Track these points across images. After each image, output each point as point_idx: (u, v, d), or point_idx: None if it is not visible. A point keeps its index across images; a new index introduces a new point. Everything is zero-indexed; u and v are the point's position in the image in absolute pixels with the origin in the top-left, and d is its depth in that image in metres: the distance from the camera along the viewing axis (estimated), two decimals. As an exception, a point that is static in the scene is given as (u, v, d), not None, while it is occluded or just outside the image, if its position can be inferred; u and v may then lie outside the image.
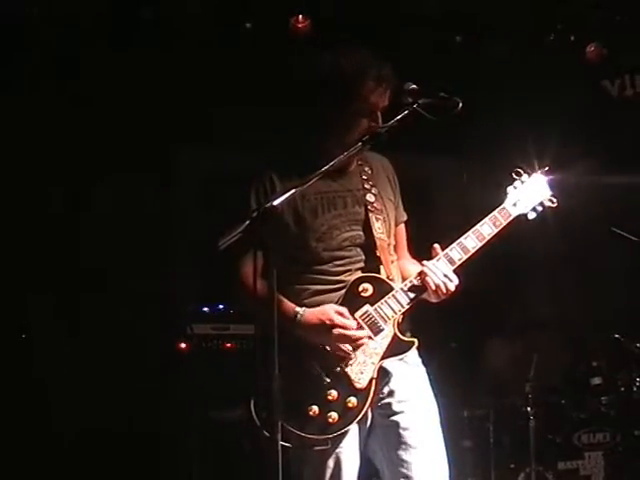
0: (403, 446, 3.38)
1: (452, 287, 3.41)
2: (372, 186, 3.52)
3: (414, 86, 3.34)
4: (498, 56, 6.47)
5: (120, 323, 6.11)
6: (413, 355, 3.49)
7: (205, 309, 6.13)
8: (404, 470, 3.37)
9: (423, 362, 3.55)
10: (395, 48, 5.98)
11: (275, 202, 3.02)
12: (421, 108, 3.30)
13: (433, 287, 3.38)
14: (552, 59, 6.42)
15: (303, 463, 3.34)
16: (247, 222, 2.96)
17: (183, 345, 5.96)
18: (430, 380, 3.55)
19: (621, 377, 6.21)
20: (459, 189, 7.15)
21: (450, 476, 3.46)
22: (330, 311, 3.31)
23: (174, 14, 5.89)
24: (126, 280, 6.22)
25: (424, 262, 3.43)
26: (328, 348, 3.31)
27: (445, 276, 3.39)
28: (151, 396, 5.84)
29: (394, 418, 3.40)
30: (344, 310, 3.32)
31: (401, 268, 3.55)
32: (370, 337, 3.34)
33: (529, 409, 5.93)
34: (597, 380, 6.25)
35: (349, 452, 3.36)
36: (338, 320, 3.29)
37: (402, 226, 3.68)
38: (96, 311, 6.11)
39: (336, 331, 3.28)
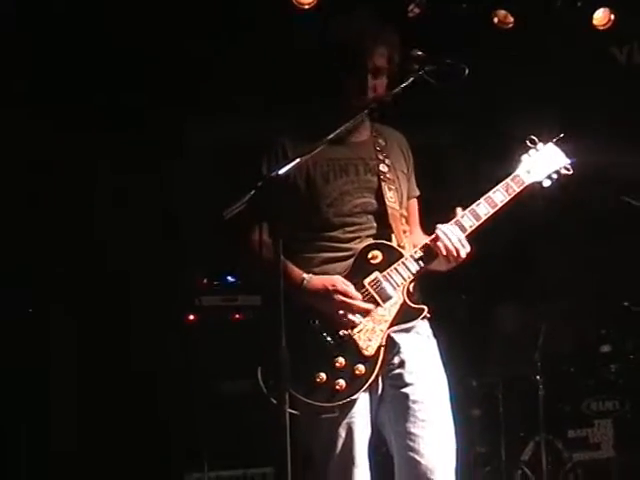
0: (412, 419, 3.36)
1: (464, 254, 3.39)
2: (385, 157, 3.51)
3: (420, 53, 3.34)
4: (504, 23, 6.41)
5: (128, 296, 6.13)
6: (424, 326, 3.48)
7: (213, 281, 6.15)
8: (411, 443, 3.35)
9: (433, 333, 3.54)
10: (400, 16, 5.96)
11: (280, 171, 3.03)
12: (427, 75, 3.30)
13: (444, 252, 3.36)
14: (559, 25, 6.36)
15: (313, 433, 3.34)
16: (252, 192, 2.96)
17: (192, 317, 5.98)
18: (439, 350, 3.53)
19: (630, 345, 6.21)
20: (466, 160, 7.13)
21: (459, 445, 3.44)
22: (337, 279, 3.31)
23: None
24: (133, 252, 6.22)
25: (437, 225, 3.41)
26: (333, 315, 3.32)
27: (459, 241, 3.37)
28: (160, 368, 5.86)
29: (404, 390, 3.38)
30: (349, 283, 3.31)
31: (413, 242, 3.51)
32: (378, 305, 3.33)
33: (538, 377, 5.93)
34: (606, 348, 6.26)
35: (360, 421, 3.35)
36: (341, 287, 3.29)
37: (414, 201, 3.67)
38: (103, 284, 6.11)
39: (338, 297, 3.28)
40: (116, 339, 6.00)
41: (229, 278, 6.16)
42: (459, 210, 3.46)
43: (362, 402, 3.35)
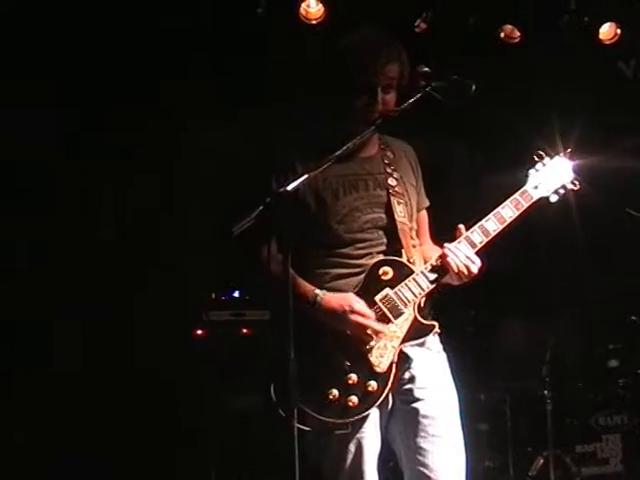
0: (422, 434, 3.36)
1: (475, 269, 3.40)
2: (394, 170, 3.52)
3: (427, 69, 3.35)
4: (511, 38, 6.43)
5: (137, 310, 6.14)
6: (435, 341, 3.49)
7: (221, 296, 6.15)
8: (421, 458, 3.35)
9: (443, 348, 3.54)
10: (409, 31, 5.98)
11: (289, 187, 3.04)
12: (434, 91, 3.31)
13: (455, 269, 3.37)
14: (566, 40, 6.38)
15: (324, 449, 3.34)
16: (260, 207, 2.97)
17: (200, 332, 5.99)
18: (449, 365, 3.53)
19: (638, 359, 6.19)
20: (472, 173, 7.14)
21: (467, 461, 3.44)
22: (351, 297, 3.31)
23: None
24: (142, 267, 6.23)
25: (445, 244, 3.43)
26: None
27: (467, 258, 3.38)
28: (168, 383, 5.86)
29: (414, 405, 3.38)
30: (363, 302, 3.32)
31: (423, 254, 3.53)
32: (390, 321, 3.33)
33: (546, 392, 5.93)
34: (614, 362, 6.24)
35: (370, 437, 3.35)
36: (356, 307, 3.29)
37: (424, 212, 3.68)
38: (112, 299, 6.12)
39: (353, 317, 3.28)
40: (123, 353, 6.00)
41: (236, 293, 6.17)
42: (461, 227, 3.47)
43: (372, 417, 3.35)
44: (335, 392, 3.26)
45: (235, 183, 5.33)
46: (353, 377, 3.28)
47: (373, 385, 3.30)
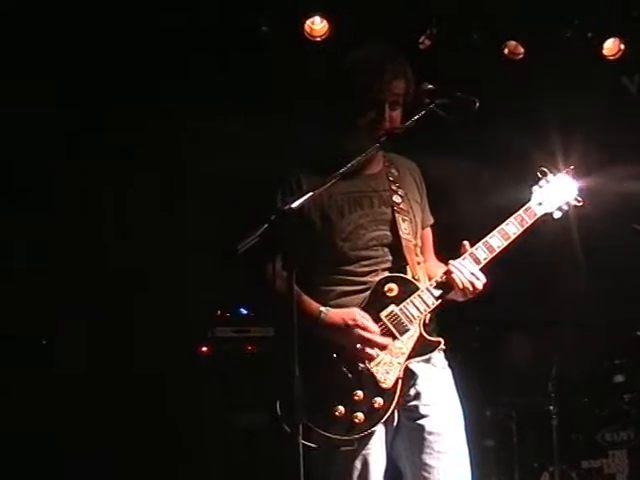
0: (427, 450, 3.37)
1: (480, 285, 3.41)
2: (399, 187, 3.54)
3: (431, 86, 3.36)
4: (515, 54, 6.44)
5: (142, 327, 6.13)
6: (440, 357, 3.50)
7: (226, 313, 6.15)
8: (427, 474, 3.36)
9: (448, 364, 3.55)
10: (412, 48, 6.00)
11: (293, 205, 3.04)
12: (438, 108, 3.32)
13: (460, 285, 3.38)
14: (569, 56, 6.39)
15: (329, 465, 3.34)
16: (265, 225, 2.97)
17: (205, 348, 5.98)
18: (454, 381, 3.54)
19: (644, 375, 6.19)
20: (477, 189, 7.13)
21: (473, 477, 3.44)
22: (355, 312, 3.32)
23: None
24: (147, 284, 6.23)
25: (450, 261, 3.44)
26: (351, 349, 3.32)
27: (472, 274, 3.40)
28: (172, 399, 5.85)
29: (420, 421, 3.39)
30: (368, 316, 3.33)
31: (428, 270, 3.54)
32: (395, 338, 3.34)
33: (552, 408, 5.91)
34: (620, 378, 6.22)
35: (376, 453, 3.36)
36: (361, 322, 3.30)
37: (429, 229, 3.70)
38: (116, 315, 6.12)
39: (357, 331, 3.29)
40: (128, 370, 6.00)
41: (242, 310, 6.17)
42: (466, 243, 3.48)
43: (378, 434, 3.36)
44: (341, 408, 3.27)
45: (237, 189, 5.36)
46: (359, 393, 3.29)
47: (379, 401, 3.30)
